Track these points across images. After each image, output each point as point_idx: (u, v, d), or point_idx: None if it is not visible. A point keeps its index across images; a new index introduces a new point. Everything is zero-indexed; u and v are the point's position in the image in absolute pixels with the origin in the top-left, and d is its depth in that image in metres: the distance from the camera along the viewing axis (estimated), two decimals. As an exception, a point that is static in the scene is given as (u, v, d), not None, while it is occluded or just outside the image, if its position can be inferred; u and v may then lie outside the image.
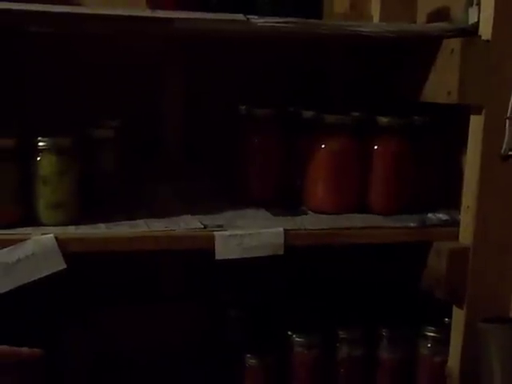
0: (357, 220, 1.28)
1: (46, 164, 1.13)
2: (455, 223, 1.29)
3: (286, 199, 1.35)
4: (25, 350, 1.13)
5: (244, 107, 1.35)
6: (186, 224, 1.18)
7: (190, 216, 1.23)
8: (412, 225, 1.27)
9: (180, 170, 1.47)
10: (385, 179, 1.31)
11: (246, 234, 1.16)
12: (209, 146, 1.50)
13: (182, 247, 1.16)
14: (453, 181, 1.35)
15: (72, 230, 1.13)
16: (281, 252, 1.18)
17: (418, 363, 1.37)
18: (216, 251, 1.15)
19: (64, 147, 1.14)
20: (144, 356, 1.45)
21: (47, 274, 1.09)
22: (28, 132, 1.14)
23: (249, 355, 1.29)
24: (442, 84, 1.24)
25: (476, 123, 1.23)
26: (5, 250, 1.07)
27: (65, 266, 1.10)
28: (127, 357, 1.43)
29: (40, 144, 1.13)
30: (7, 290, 1.07)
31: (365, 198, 1.33)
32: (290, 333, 1.31)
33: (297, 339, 1.30)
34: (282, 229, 1.18)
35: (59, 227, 1.13)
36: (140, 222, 1.19)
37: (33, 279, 1.09)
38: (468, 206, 1.26)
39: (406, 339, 1.36)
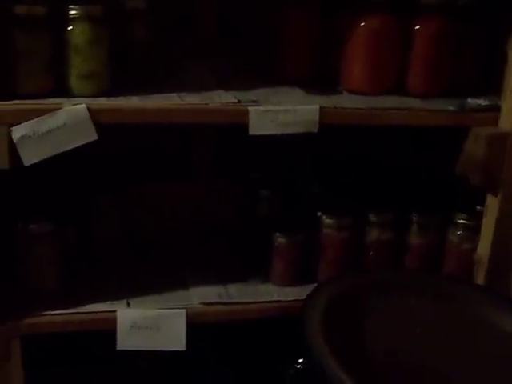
0: (394, 102, 1.25)
1: (77, 32, 1.11)
2: (495, 109, 1.25)
3: (321, 79, 1.31)
4: None
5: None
6: (220, 98, 1.16)
7: (223, 91, 1.20)
8: (451, 108, 1.24)
9: (213, 47, 1.43)
10: (424, 61, 1.27)
11: (280, 110, 1.14)
12: (243, 22, 1.45)
13: (215, 121, 1.15)
14: (495, 67, 1.30)
15: (104, 101, 1.12)
16: (315, 130, 1.16)
17: (446, 249, 1.36)
18: (250, 126, 1.13)
19: (96, 15, 1.11)
20: (172, 232, 1.46)
21: (79, 144, 1.09)
22: (60, 1, 1.11)
23: (278, 234, 1.29)
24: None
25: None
26: (36, 119, 1.06)
27: (96, 137, 1.09)
28: (154, 232, 1.44)
29: (71, 12, 1.10)
30: (39, 160, 1.07)
31: (403, 80, 1.29)
32: (320, 213, 1.31)
33: (327, 220, 1.29)
34: (317, 106, 1.16)
35: (91, 98, 1.12)
36: (173, 95, 1.17)
37: (64, 150, 1.08)
38: (511, 91, 1.22)
39: (437, 225, 1.35)
